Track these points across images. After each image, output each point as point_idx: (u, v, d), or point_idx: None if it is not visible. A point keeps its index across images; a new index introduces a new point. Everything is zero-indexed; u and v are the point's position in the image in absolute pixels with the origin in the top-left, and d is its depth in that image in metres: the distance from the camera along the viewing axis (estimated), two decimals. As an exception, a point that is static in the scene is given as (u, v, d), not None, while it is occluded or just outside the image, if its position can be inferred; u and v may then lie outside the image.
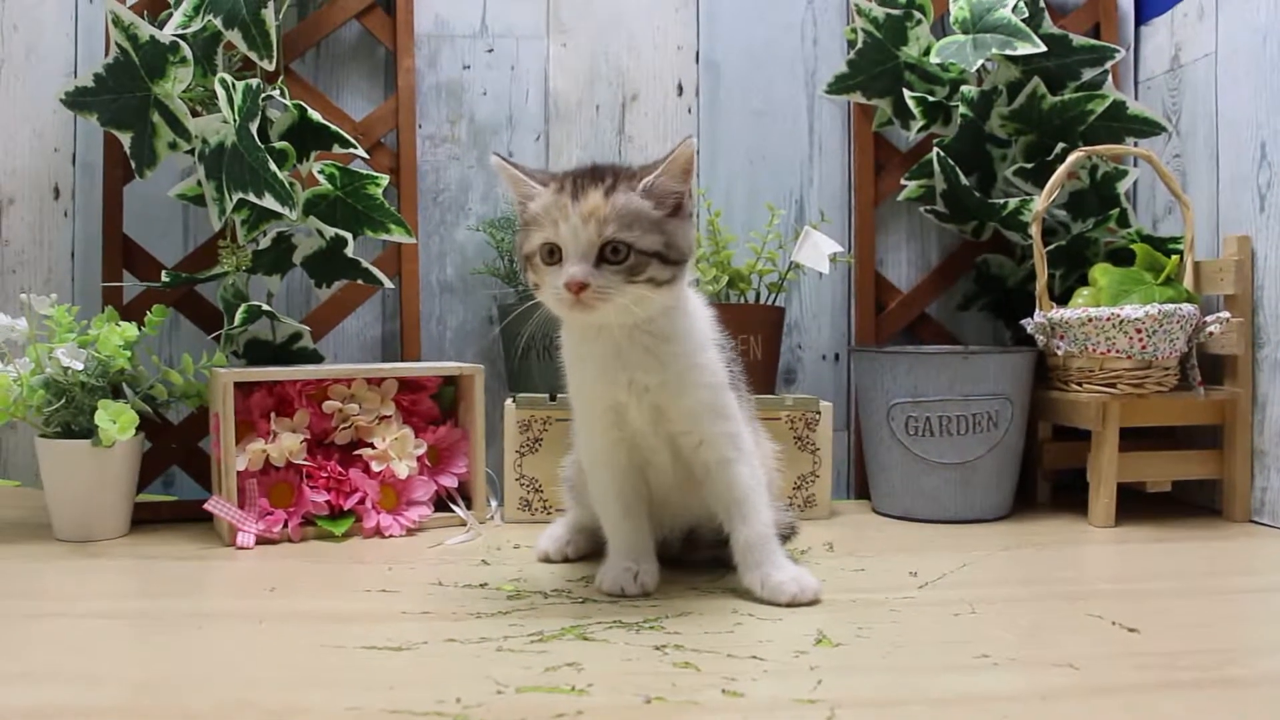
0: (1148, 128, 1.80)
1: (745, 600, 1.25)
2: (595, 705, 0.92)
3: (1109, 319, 1.62)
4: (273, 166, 1.53)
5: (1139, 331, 1.61)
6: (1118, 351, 1.63)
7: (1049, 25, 1.80)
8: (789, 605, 1.21)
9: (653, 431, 1.25)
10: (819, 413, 1.73)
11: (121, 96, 1.61)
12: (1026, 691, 0.96)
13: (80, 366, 1.53)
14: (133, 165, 1.64)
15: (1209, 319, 1.65)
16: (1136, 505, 1.74)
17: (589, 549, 1.46)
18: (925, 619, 1.18)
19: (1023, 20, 1.75)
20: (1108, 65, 1.80)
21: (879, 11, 1.84)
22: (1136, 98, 1.97)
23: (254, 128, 1.54)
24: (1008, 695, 0.95)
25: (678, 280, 1.19)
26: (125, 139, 1.63)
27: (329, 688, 0.97)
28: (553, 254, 1.15)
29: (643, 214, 1.15)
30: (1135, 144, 1.82)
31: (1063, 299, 1.76)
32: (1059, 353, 1.70)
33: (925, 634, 1.13)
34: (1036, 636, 1.12)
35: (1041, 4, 1.80)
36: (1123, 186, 1.81)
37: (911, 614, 1.20)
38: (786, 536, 1.45)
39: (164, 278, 1.66)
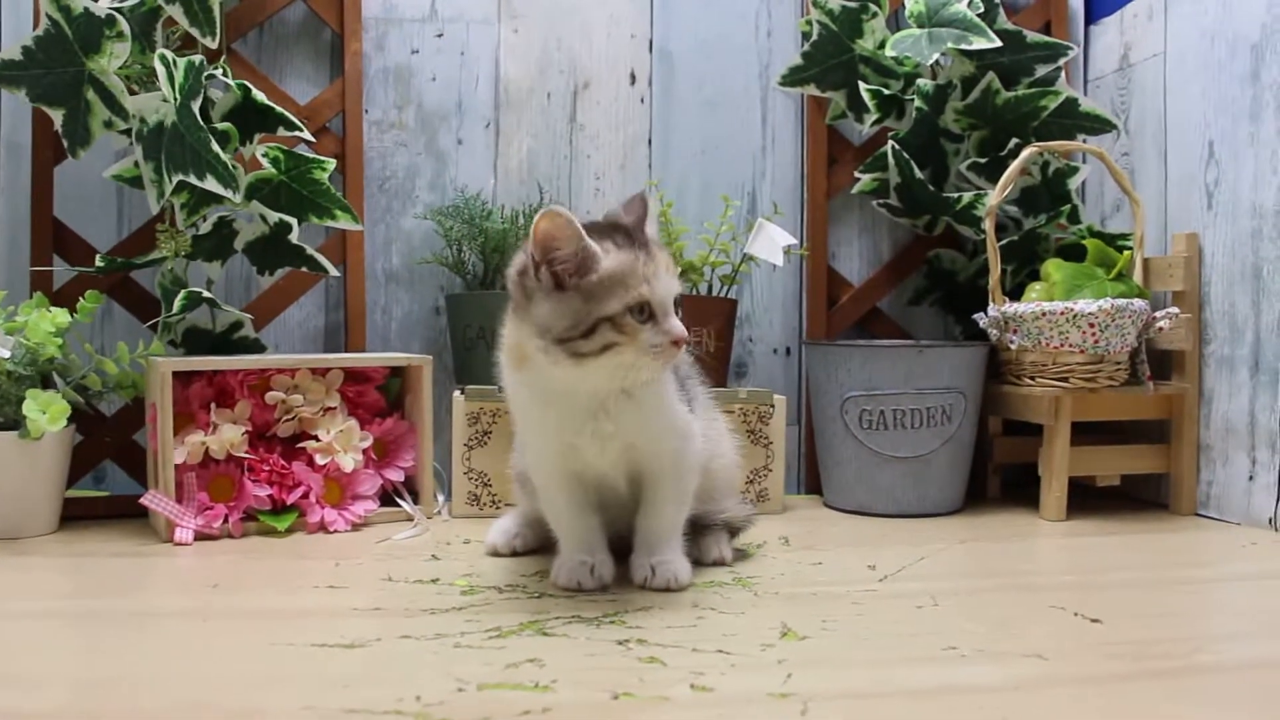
0: (1099, 125, 1.81)
1: (706, 593, 1.23)
2: (561, 702, 0.89)
3: (1062, 313, 1.63)
4: (215, 147, 1.47)
5: (1092, 326, 1.62)
6: (1070, 346, 1.64)
7: (1004, 21, 1.80)
8: (664, 590, 1.23)
9: (610, 463, 1.24)
10: (772, 406, 1.72)
11: (52, 71, 1.54)
12: (999, 683, 0.95)
13: (7, 354, 1.46)
14: (65, 144, 1.56)
15: (1159, 314, 1.67)
16: (1085, 499, 1.75)
17: (538, 543, 1.42)
18: (889, 612, 1.17)
19: (978, 15, 1.75)
20: (1061, 62, 1.81)
21: (834, 4, 1.82)
22: (1085, 96, 1.98)
23: (196, 107, 1.48)
24: (981, 686, 0.94)
25: None
26: (57, 116, 1.55)
27: (283, 686, 0.93)
28: (643, 311, 1.13)
29: None
30: (1085, 141, 1.83)
31: (1014, 294, 1.77)
32: (1012, 347, 1.70)
33: (890, 627, 1.12)
34: (1002, 628, 1.11)
35: (996, 0, 1.80)
36: (1074, 183, 1.83)
37: (874, 607, 1.19)
38: (740, 529, 1.45)
39: (98, 262, 1.59)
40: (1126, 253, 1.72)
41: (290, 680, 0.94)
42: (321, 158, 1.62)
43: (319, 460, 1.56)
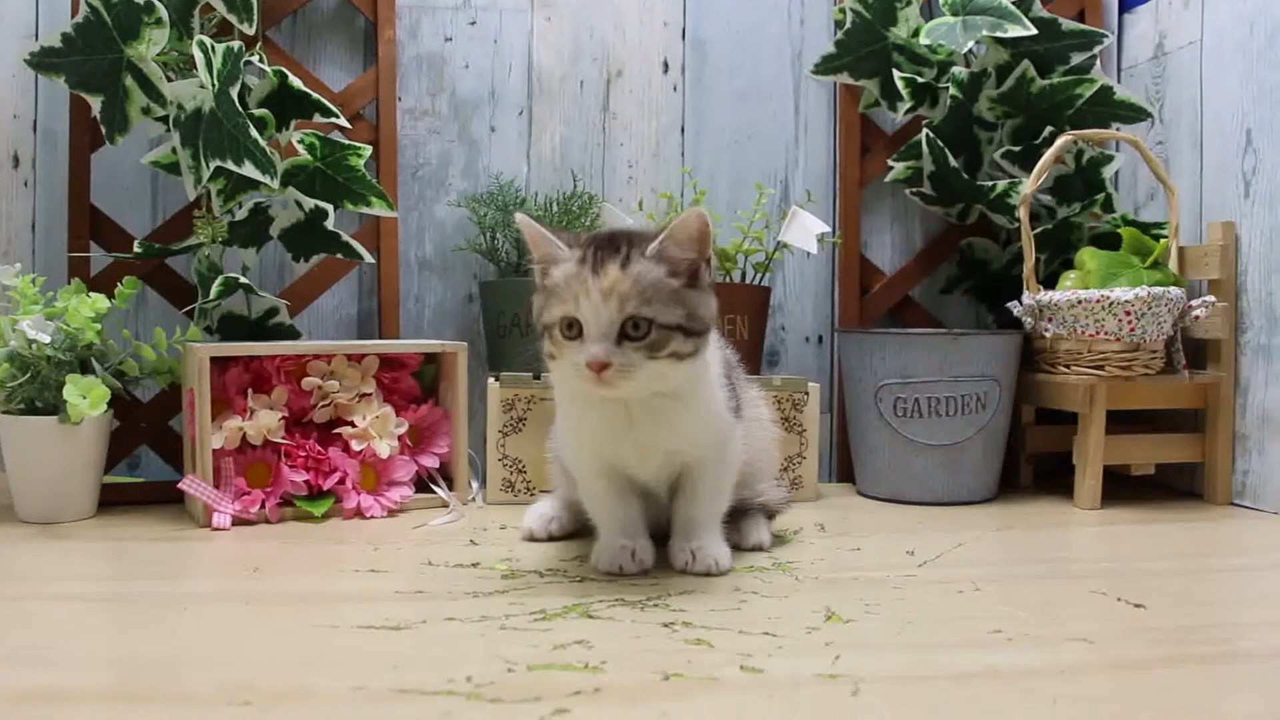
0: (1134, 113, 1.80)
1: (746, 577, 1.23)
2: (612, 683, 0.89)
3: (1098, 301, 1.62)
4: (254, 133, 1.48)
5: (1128, 314, 1.61)
6: (1106, 334, 1.63)
7: (1038, 9, 1.79)
8: (704, 575, 1.23)
9: (653, 474, 1.25)
10: (807, 394, 1.72)
11: (91, 58, 1.54)
12: (1045, 666, 0.95)
13: (48, 339, 1.47)
14: (103, 131, 1.57)
15: (1195, 303, 1.66)
16: (1119, 488, 1.74)
17: (574, 527, 1.42)
18: (931, 596, 1.17)
19: (1012, 3, 1.74)
20: (1096, 50, 1.81)
21: (869, -9, 1.82)
22: (1119, 84, 1.97)
23: (234, 93, 1.49)
24: (1027, 670, 0.94)
25: (701, 351, 1.15)
26: (95, 103, 1.56)
27: (331, 668, 0.93)
28: (571, 327, 1.11)
29: (661, 285, 1.10)
30: (1119, 130, 1.82)
31: (1047, 282, 1.76)
32: (1047, 335, 1.70)
33: (934, 611, 1.12)
34: (1045, 613, 1.11)
35: (1031, -13, 1.80)
36: (1108, 172, 1.82)
37: (916, 592, 1.19)
38: (777, 513, 1.45)
39: (136, 248, 1.60)
40: (1163, 241, 1.71)
41: (338, 662, 0.94)
42: (357, 144, 1.62)
43: (355, 446, 1.57)
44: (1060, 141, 1.70)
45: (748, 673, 0.92)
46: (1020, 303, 1.73)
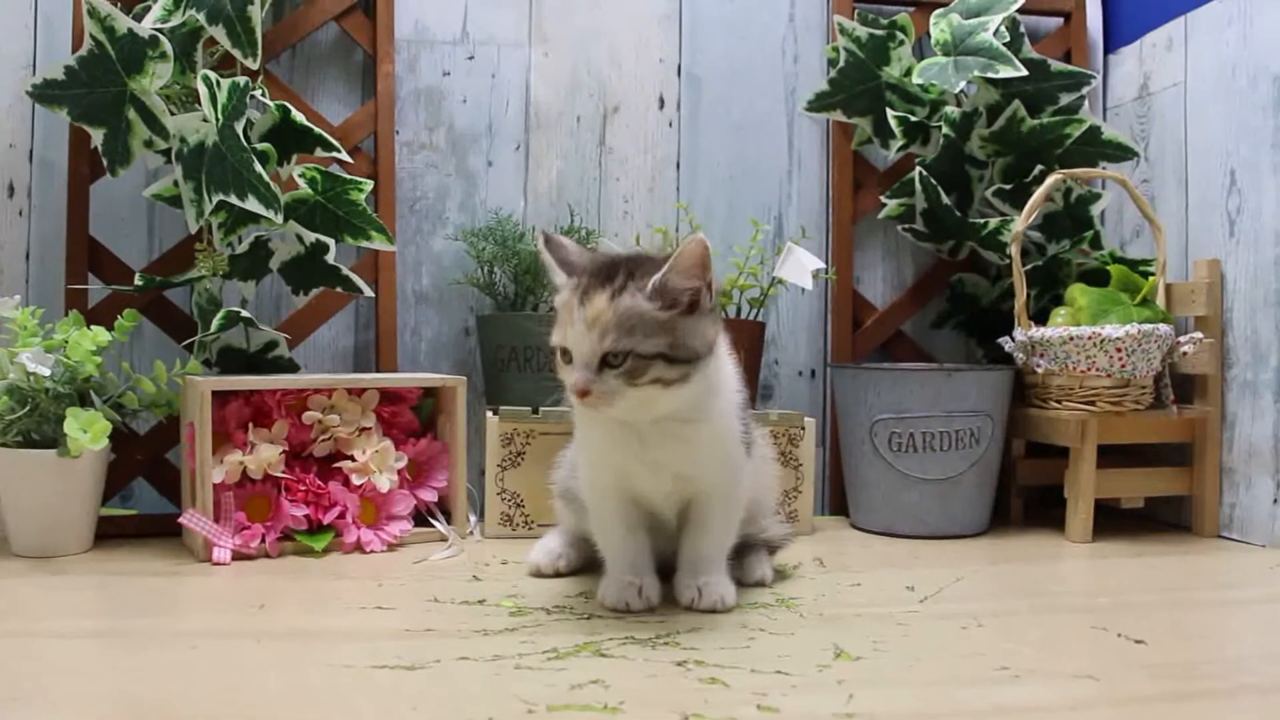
0: (1121, 153, 1.84)
1: (752, 614, 1.24)
2: (632, 722, 0.90)
3: (1090, 338, 1.65)
4: (258, 168, 1.49)
5: (1119, 350, 1.64)
6: (1098, 370, 1.66)
7: (1028, 50, 1.83)
8: (710, 612, 1.25)
9: (664, 495, 1.26)
10: (803, 428, 1.73)
11: (94, 91, 1.55)
12: (1055, 703, 0.96)
13: (47, 372, 1.47)
14: (105, 163, 1.57)
15: (1183, 339, 1.69)
16: (1109, 521, 1.76)
17: (580, 563, 1.43)
18: (935, 633, 1.18)
19: (1003, 44, 1.77)
20: (1084, 91, 1.84)
21: (862, 31, 1.85)
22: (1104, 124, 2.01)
23: (239, 127, 1.49)
24: (1038, 706, 0.96)
25: (692, 377, 1.15)
26: (97, 135, 1.56)
27: (349, 710, 0.93)
28: (565, 353, 1.15)
29: (646, 317, 1.12)
30: (1106, 168, 1.86)
31: (1037, 318, 1.79)
32: (1038, 370, 1.72)
33: (940, 647, 1.13)
34: (1049, 649, 1.13)
35: (1021, 29, 1.83)
36: (1096, 209, 1.85)
37: (920, 628, 1.20)
38: (779, 548, 1.46)
39: (137, 280, 1.60)
40: (1152, 278, 1.74)
41: (355, 703, 0.94)
42: (359, 179, 1.63)
43: (355, 480, 1.57)
44: (1050, 180, 1.73)
45: (765, 712, 0.93)
46: (1012, 338, 1.76)
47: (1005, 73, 1.76)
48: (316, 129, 1.61)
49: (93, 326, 1.52)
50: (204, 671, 1.03)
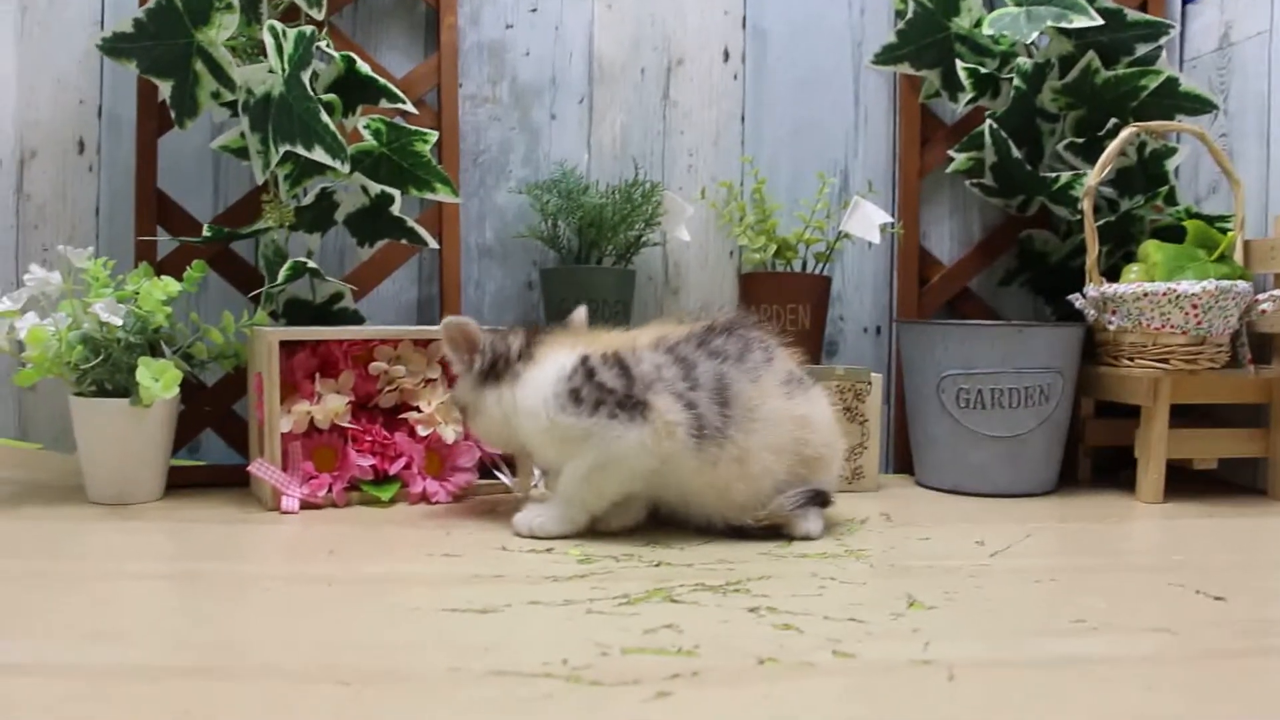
0: (1199, 105, 1.79)
1: (822, 564, 1.23)
2: (708, 666, 0.89)
3: (1165, 294, 1.61)
4: (324, 118, 1.49)
5: (1195, 307, 1.60)
6: (1172, 327, 1.62)
7: (1103, -1, 1.78)
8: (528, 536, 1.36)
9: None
10: (869, 383, 1.71)
11: (162, 43, 1.56)
12: (1132, 654, 0.95)
13: (120, 322, 1.48)
14: (172, 115, 1.58)
15: (1261, 297, 1.65)
16: (1180, 482, 1.73)
17: (635, 520, 1.42)
18: (1008, 586, 1.17)
19: (1078, -8, 1.73)
20: (1161, 41, 1.79)
21: (931, -19, 1.81)
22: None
23: (305, 78, 1.49)
24: (1115, 658, 0.94)
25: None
26: (165, 88, 1.57)
27: (422, 650, 0.93)
28: None
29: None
30: (1182, 122, 1.80)
31: (1108, 275, 1.75)
32: (1110, 328, 1.69)
33: (1013, 600, 1.12)
34: (1125, 603, 1.11)
35: (1096, -23, 1.78)
36: (1171, 164, 1.80)
37: (992, 581, 1.19)
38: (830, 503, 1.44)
39: (206, 232, 1.61)
40: (1230, 234, 1.70)
41: (427, 644, 0.95)
42: (424, 130, 1.63)
43: (420, 431, 1.58)
44: (1125, 133, 1.69)
45: (841, 658, 0.92)
46: (1083, 295, 1.72)
47: (1080, 23, 1.71)
48: (381, 79, 1.61)
49: (163, 277, 1.54)
50: (278, 611, 1.04)
